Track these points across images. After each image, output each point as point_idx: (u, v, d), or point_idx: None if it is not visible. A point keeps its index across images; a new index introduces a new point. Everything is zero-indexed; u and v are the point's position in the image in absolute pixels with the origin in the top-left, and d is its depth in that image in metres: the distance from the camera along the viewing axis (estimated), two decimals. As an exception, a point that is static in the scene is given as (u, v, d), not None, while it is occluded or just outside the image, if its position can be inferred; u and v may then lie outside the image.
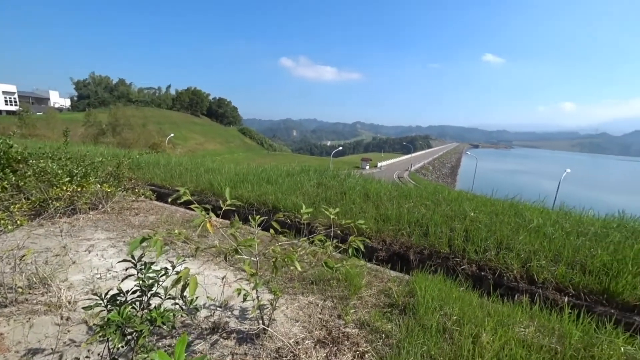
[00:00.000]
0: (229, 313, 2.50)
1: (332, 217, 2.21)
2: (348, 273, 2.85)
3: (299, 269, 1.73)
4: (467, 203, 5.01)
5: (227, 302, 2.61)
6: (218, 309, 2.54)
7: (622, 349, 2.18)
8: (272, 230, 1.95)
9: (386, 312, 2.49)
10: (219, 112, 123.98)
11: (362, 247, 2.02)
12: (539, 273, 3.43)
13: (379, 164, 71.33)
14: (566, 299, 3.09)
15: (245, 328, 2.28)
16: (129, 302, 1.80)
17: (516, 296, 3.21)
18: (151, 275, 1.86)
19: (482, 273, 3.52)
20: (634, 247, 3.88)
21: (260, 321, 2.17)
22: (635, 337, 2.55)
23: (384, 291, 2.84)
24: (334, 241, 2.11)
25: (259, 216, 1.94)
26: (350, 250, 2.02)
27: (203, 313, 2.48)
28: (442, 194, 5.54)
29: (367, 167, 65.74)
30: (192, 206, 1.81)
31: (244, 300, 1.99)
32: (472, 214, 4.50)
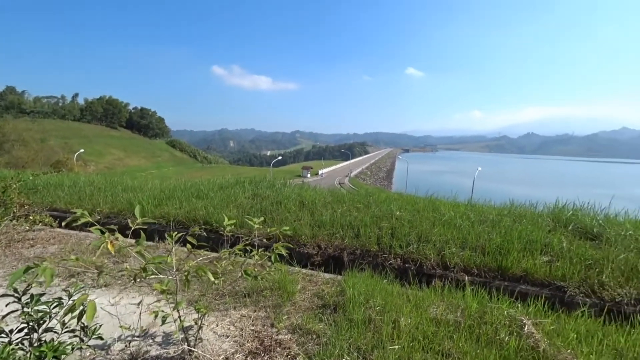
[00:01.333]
0: (150, 341, 2.29)
1: (256, 226, 2.25)
2: (282, 281, 2.91)
3: (212, 279, 1.72)
4: (394, 203, 5.60)
5: (147, 330, 2.39)
6: (136, 338, 2.30)
7: (505, 312, 2.73)
8: (188, 245, 1.89)
9: (318, 314, 2.62)
10: (142, 124, 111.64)
11: (284, 252, 2.10)
12: (451, 259, 4.05)
13: (320, 172, 73.76)
14: (467, 277, 3.71)
15: (169, 354, 2.12)
16: (13, 341, 1.52)
17: (433, 281, 3.72)
18: (41, 308, 1.61)
19: (406, 265, 3.97)
20: (518, 228, 4.89)
21: (185, 343, 2.05)
22: (518, 302, 3.23)
23: (317, 294, 2.97)
24: (259, 250, 2.15)
25: (176, 232, 1.86)
26: (272, 257, 2.09)
27: (118, 346, 2.22)
28: (373, 196, 6.08)
29: (309, 175, 67.23)
30: (91, 228, 1.64)
31: (163, 322, 1.86)
32: (397, 212, 5.05)
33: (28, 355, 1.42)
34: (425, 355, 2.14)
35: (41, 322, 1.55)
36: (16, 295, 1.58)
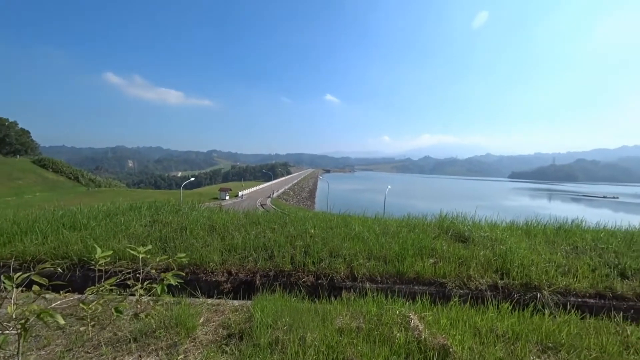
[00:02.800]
0: None
1: (141, 256, 2.02)
2: (180, 316, 2.64)
3: (62, 322, 1.45)
4: (310, 222, 5.88)
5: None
6: None
7: (398, 311, 3.16)
8: (35, 287, 1.54)
9: (222, 345, 2.47)
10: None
11: (174, 281, 1.96)
12: (359, 270, 4.48)
13: (240, 193, 71.04)
14: (368, 285, 4.15)
15: None
16: None
17: (343, 293, 4.01)
18: None
19: (319, 281, 4.18)
20: (412, 237, 5.80)
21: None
22: (410, 301, 3.79)
23: (223, 324, 2.81)
24: (146, 283, 1.93)
25: (20, 273, 1.49)
26: (159, 288, 1.91)
27: None
28: (290, 216, 6.24)
29: (227, 197, 63.72)
30: None
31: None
32: (312, 230, 5.31)
33: None
34: (329, 365, 2.28)
35: None
36: None
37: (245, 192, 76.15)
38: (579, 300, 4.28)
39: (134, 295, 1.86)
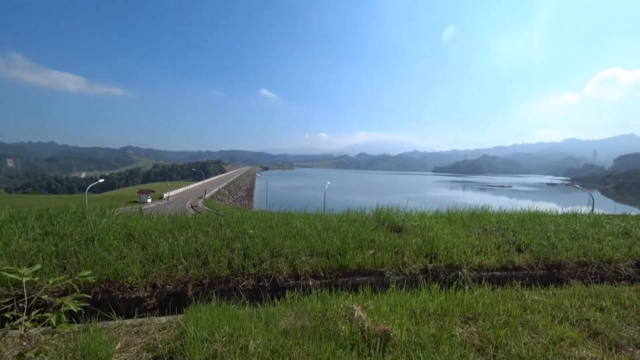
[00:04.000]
0: None
1: (24, 279, 1.57)
2: (88, 346, 2.20)
3: None
4: (248, 222, 5.63)
5: None
6: None
7: (342, 304, 3.27)
8: None
9: (146, 372, 2.17)
10: None
11: (75, 307, 1.60)
12: (301, 268, 4.48)
13: (166, 195, 64.56)
14: (311, 282, 4.21)
15: None
16: None
17: (286, 293, 3.96)
18: None
19: (261, 283, 4.03)
20: (352, 230, 6.08)
21: None
22: (355, 293, 3.96)
23: (147, 346, 2.46)
24: (35, 313, 1.53)
25: None
26: (53, 318, 1.52)
27: None
28: (225, 217, 5.87)
29: (149, 200, 57.11)
30: None
31: None
32: (251, 231, 5.09)
33: None
34: (275, 371, 2.21)
35: None
36: None
37: (172, 193, 69.35)
38: (489, 274, 5.12)
39: (17, 329, 1.45)
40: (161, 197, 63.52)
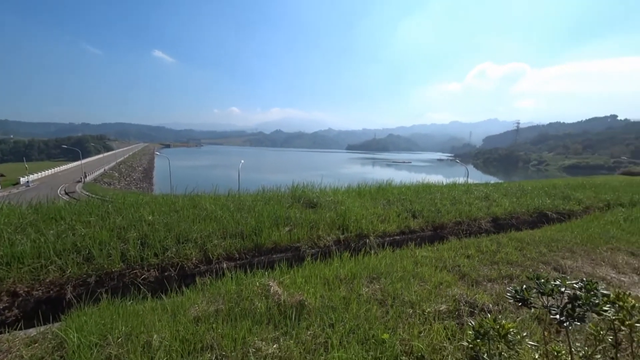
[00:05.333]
0: None
1: None
2: None
3: None
4: (146, 207, 5.00)
5: None
6: None
7: (258, 282, 3.32)
8: None
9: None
10: None
11: None
12: (213, 251, 4.30)
13: (25, 179, 51.01)
14: (225, 265, 4.13)
15: None
16: None
17: (197, 280, 3.77)
18: None
19: (166, 273, 3.71)
20: (268, 209, 6.11)
21: None
22: (271, 270, 4.06)
23: (6, 371, 2.01)
24: None
25: None
26: None
27: None
28: (115, 203, 5.04)
29: (-1, 188, 44.26)
30: None
31: None
32: (150, 217, 4.55)
33: None
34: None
35: None
36: None
37: (34, 177, 54.82)
38: (391, 238, 6.01)
39: None
40: (17, 183, 49.44)
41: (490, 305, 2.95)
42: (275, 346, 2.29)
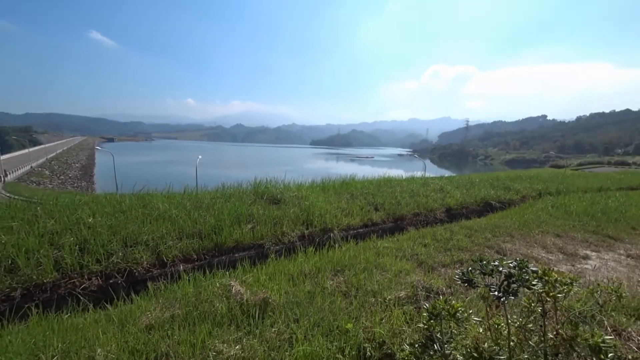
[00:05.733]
0: None
1: None
2: None
3: None
4: (85, 208, 4.51)
5: None
6: None
7: (218, 283, 3.19)
8: None
9: None
10: None
11: None
12: (168, 253, 4.04)
13: None
14: (182, 267, 3.91)
15: None
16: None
17: (149, 285, 3.51)
18: None
19: (111, 281, 3.40)
20: (228, 207, 5.89)
21: None
22: (233, 269, 3.92)
23: None
24: None
25: None
26: None
27: None
28: (45, 205, 4.48)
29: None
30: None
31: None
32: (90, 220, 4.12)
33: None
34: (136, 373, 1.97)
35: None
36: None
37: None
38: (355, 231, 6.16)
39: None
40: None
41: (444, 289, 3.16)
42: (237, 347, 2.22)
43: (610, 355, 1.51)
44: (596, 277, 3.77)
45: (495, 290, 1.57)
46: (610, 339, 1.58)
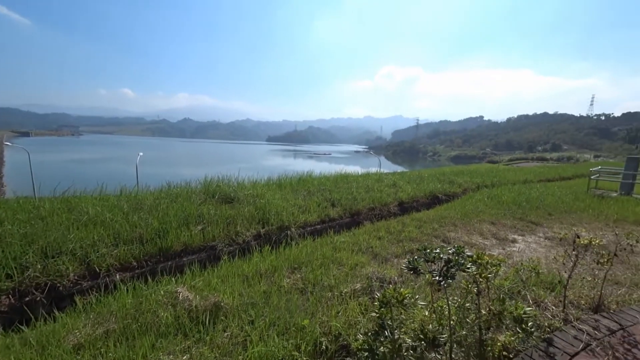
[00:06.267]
0: None
1: None
2: None
3: None
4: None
5: None
6: None
7: (163, 291, 2.96)
8: None
9: None
10: None
11: None
12: (101, 262, 3.63)
13: None
14: (119, 276, 3.57)
15: None
16: None
17: (78, 299, 3.13)
18: None
19: (27, 298, 2.96)
20: (175, 208, 5.51)
21: None
22: (181, 275, 3.68)
23: None
24: None
25: None
26: None
27: None
28: None
29: None
30: None
31: None
32: (-2, 227, 3.53)
33: None
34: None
35: None
36: None
37: None
38: (312, 228, 6.19)
39: None
40: None
41: (396, 278, 3.33)
42: (185, 357, 2.09)
43: (530, 324, 1.75)
44: (521, 258, 4.30)
45: (436, 275, 1.70)
46: (531, 310, 1.82)
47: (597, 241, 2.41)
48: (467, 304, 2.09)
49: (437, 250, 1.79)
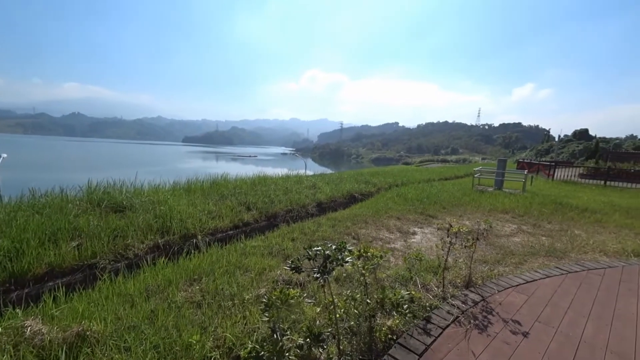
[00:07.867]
0: None
1: None
2: None
3: None
4: None
5: None
6: None
7: (1, 327, 2.35)
8: None
9: None
10: None
11: None
12: None
13: None
14: None
15: None
16: None
17: None
18: None
19: None
20: (36, 221, 4.52)
21: None
22: (33, 305, 2.99)
23: None
24: None
25: None
26: None
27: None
28: None
29: None
30: None
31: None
32: None
33: None
34: None
35: None
36: None
37: None
38: (223, 234, 5.84)
39: None
40: None
41: (302, 279, 3.36)
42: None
43: (405, 306, 1.95)
44: (418, 247, 4.85)
45: (316, 272, 1.74)
46: (407, 293, 2.03)
47: (464, 228, 2.85)
48: (358, 295, 2.21)
49: (319, 248, 1.84)
